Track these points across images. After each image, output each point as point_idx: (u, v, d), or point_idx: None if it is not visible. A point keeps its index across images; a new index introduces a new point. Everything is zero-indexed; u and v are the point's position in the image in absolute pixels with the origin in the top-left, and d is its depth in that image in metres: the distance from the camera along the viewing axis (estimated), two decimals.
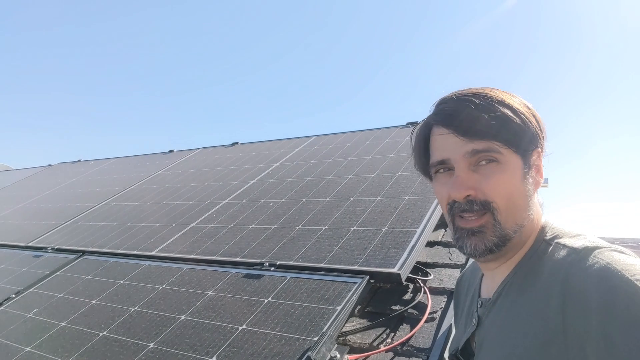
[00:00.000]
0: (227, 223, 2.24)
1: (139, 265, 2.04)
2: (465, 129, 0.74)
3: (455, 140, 0.76)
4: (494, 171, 0.74)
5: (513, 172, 0.75)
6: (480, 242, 0.75)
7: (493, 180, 0.74)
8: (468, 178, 0.75)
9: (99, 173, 4.37)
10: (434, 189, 0.84)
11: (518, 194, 0.75)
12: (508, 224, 0.75)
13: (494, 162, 0.74)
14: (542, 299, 0.68)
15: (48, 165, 5.65)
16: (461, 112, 0.75)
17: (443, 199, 0.80)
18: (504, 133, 0.73)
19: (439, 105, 0.81)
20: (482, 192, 0.74)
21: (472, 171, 0.75)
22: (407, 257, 1.53)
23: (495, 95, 0.76)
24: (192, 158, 3.90)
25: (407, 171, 2.28)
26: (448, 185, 0.78)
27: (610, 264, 0.63)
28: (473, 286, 0.95)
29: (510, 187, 0.74)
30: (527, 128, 0.75)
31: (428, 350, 1.28)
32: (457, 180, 0.75)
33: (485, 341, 0.79)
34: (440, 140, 0.79)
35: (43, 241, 2.77)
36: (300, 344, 1.21)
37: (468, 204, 0.75)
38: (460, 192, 0.74)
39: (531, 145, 0.77)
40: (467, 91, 0.78)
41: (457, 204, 0.76)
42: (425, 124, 0.84)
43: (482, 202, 0.74)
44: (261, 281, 1.61)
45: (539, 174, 0.80)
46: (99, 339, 1.50)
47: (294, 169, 2.82)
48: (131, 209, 2.94)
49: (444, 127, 0.78)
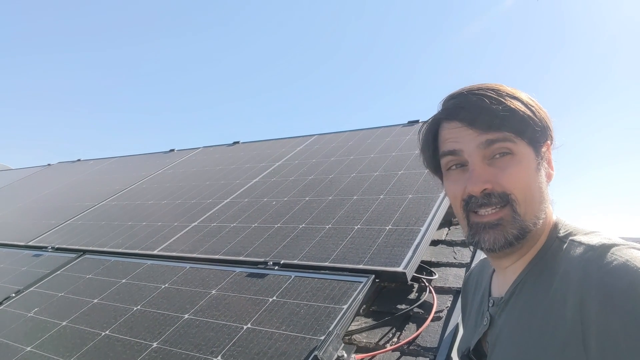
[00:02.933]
0: (229, 222, 2.22)
1: (140, 264, 2.02)
2: (478, 120, 0.73)
3: (468, 132, 0.75)
4: (509, 163, 0.73)
5: (528, 164, 0.74)
6: (500, 235, 0.74)
7: (510, 172, 0.73)
8: (484, 171, 0.74)
9: (99, 172, 4.35)
10: (445, 186, 0.83)
11: (534, 185, 0.74)
12: (527, 216, 0.73)
13: (508, 154, 0.73)
14: (559, 297, 0.66)
15: (47, 165, 5.63)
16: (475, 106, 0.74)
17: (457, 195, 0.78)
18: (516, 124, 0.73)
19: (449, 101, 0.80)
20: (499, 185, 0.73)
21: (487, 165, 0.74)
22: (412, 256, 1.51)
23: (505, 89, 0.76)
24: (193, 157, 3.88)
25: (410, 169, 2.27)
26: (462, 180, 0.76)
27: (629, 261, 0.61)
28: (482, 285, 0.93)
29: (527, 178, 0.73)
30: (539, 120, 0.74)
31: (435, 349, 1.26)
32: (473, 174, 0.74)
33: (498, 341, 0.78)
34: (451, 133, 0.78)
35: (43, 240, 2.75)
36: (306, 343, 1.19)
37: (486, 198, 0.73)
38: (477, 186, 0.73)
39: (542, 137, 0.76)
40: (477, 86, 0.77)
41: (473, 199, 0.75)
42: (434, 120, 0.82)
43: (500, 194, 0.73)
44: (265, 280, 1.60)
45: (550, 166, 0.79)
46: (101, 339, 1.48)
47: (296, 167, 2.81)
48: (132, 208, 2.92)
49: (455, 120, 0.76)
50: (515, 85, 0.78)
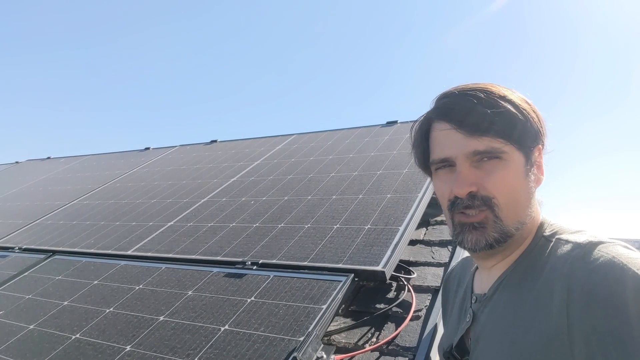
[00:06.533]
0: (206, 222, 2.18)
1: (113, 265, 1.96)
2: (469, 124, 0.73)
3: (458, 137, 0.74)
4: (496, 168, 0.73)
5: (515, 169, 0.74)
6: (482, 237, 0.74)
7: (495, 177, 0.73)
8: (470, 174, 0.74)
9: (70, 171, 4.21)
10: (434, 185, 0.83)
11: (520, 191, 0.75)
12: (509, 221, 0.74)
13: (495, 158, 0.73)
14: (545, 293, 0.67)
15: (15, 163, 5.43)
16: (464, 107, 0.74)
17: (444, 195, 0.79)
18: (507, 129, 0.73)
19: (441, 100, 0.80)
20: (484, 188, 0.73)
21: (474, 167, 0.74)
22: (390, 255, 1.52)
23: (497, 90, 0.75)
24: (170, 156, 3.80)
25: (389, 169, 2.28)
26: (449, 182, 0.77)
27: (615, 258, 0.62)
28: (464, 282, 0.94)
29: (513, 183, 0.74)
30: (530, 124, 0.75)
31: (414, 349, 1.26)
32: (459, 177, 0.74)
33: (481, 337, 0.78)
34: (442, 136, 0.78)
35: (9, 241, 2.64)
36: (285, 345, 1.17)
37: (470, 200, 0.74)
38: (463, 189, 0.73)
39: (533, 142, 0.76)
40: (469, 86, 0.77)
41: (459, 201, 0.75)
42: (426, 118, 0.82)
43: (483, 198, 0.73)
44: (243, 280, 1.57)
45: (540, 171, 0.79)
46: (71, 342, 1.43)
47: (275, 167, 2.78)
48: (105, 208, 2.84)
49: (446, 122, 0.76)
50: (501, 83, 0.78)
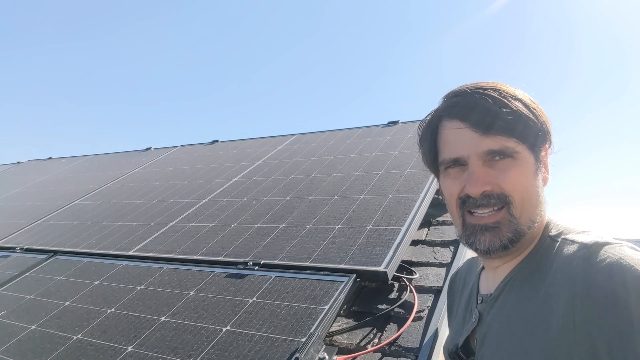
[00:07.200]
0: (208, 222, 2.18)
1: (115, 265, 1.96)
2: (483, 123, 0.73)
3: (471, 136, 0.74)
4: (510, 166, 0.73)
5: (527, 168, 0.74)
6: (496, 238, 0.74)
7: (510, 176, 0.73)
8: (484, 174, 0.73)
9: (72, 171, 4.21)
10: (443, 183, 0.82)
11: (532, 190, 0.75)
12: (523, 220, 0.74)
13: (509, 157, 0.73)
14: (551, 294, 0.67)
15: (17, 163, 5.43)
16: (478, 106, 0.73)
17: (453, 193, 0.78)
18: (519, 129, 0.72)
19: (453, 98, 0.79)
20: (499, 187, 0.73)
21: (486, 167, 0.74)
22: (393, 255, 1.51)
23: (508, 89, 0.75)
24: (171, 156, 3.80)
25: (390, 170, 2.27)
26: (461, 180, 0.76)
27: (622, 259, 0.62)
28: (470, 283, 0.94)
29: (526, 183, 0.74)
30: (539, 124, 0.74)
31: (416, 349, 1.26)
32: (473, 176, 0.74)
33: (487, 337, 0.78)
34: (453, 134, 0.77)
35: (11, 241, 2.64)
36: (287, 346, 1.17)
37: (485, 199, 0.73)
38: (477, 188, 0.73)
39: (541, 142, 0.76)
40: (480, 84, 0.76)
41: (471, 199, 0.74)
42: (435, 116, 0.81)
43: (499, 196, 0.73)
44: (245, 281, 1.57)
45: (546, 170, 0.79)
46: (73, 343, 1.42)
47: (276, 167, 2.78)
48: (106, 208, 2.83)
49: (459, 120, 0.75)
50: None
